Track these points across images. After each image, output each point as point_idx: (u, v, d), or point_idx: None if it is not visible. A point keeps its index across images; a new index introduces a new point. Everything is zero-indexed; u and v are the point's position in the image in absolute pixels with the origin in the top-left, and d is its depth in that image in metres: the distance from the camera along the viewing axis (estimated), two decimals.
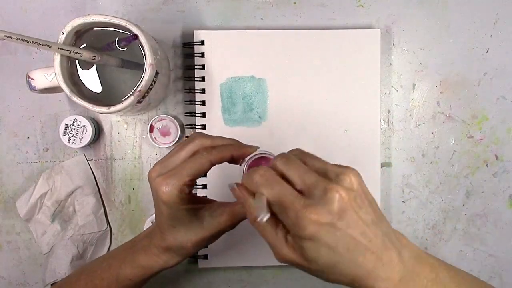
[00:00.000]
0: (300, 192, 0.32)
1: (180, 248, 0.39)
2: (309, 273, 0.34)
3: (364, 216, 0.31)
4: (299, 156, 0.34)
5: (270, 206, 0.32)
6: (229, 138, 0.40)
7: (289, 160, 0.33)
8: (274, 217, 0.33)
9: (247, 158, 0.38)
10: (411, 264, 0.33)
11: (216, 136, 0.39)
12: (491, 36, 0.54)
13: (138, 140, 0.54)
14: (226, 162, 0.39)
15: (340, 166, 0.33)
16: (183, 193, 0.36)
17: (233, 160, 0.38)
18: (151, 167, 0.38)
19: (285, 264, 0.34)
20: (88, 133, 0.52)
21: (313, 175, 0.32)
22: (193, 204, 0.38)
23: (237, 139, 0.40)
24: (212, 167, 0.37)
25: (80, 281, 0.43)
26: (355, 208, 0.31)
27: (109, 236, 0.55)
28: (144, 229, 0.53)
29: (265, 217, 0.30)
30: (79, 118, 0.52)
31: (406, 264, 0.32)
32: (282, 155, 0.34)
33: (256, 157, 0.38)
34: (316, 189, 0.31)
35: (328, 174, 0.32)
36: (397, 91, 0.55)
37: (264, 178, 0.32)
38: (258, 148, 0.39)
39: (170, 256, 0.40)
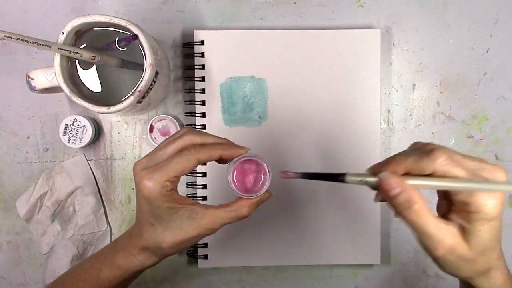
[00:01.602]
0: None
1: (157, 248, 0.37)
2: (451, 265, 0.33)
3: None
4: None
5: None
6: (221, 137, 0.38)
7: (449, 149, 0.32)
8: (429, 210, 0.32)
9: (235, 159, 0.37)
10: (506, 274, 0.35)
11: (208, 134, 0.38)
12: (491, 36, 0.54)
13: (138, 140, 0.54)
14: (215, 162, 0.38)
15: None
16: (165, 189, 0.35)
17: (222, 160, 0.37)
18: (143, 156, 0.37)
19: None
20: (88, 133, 0.52)
21: (476, 161, 0.32)
22: (174, 202, 0.36)
23: (229, 139, 0.39)
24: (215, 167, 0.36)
25: (66, 283, 0.42)
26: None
27: (109, 236, 0.55)
28: None
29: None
30: (79, 118, 0.52)
31: (506, 273, 0.35)
32: (443, 146, 0.32)
33: (244, 159, 0.37)
34: (484, 170, 0.31)
35: (485, 161, 0.32)
36: (397, 91, 0.55)
37: (450, 157, 0.31)
38: (249, 150, 0.37)
39: (146, 255, 0.39)
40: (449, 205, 0.33)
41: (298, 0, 0.54)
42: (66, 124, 0.51)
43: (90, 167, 0.54)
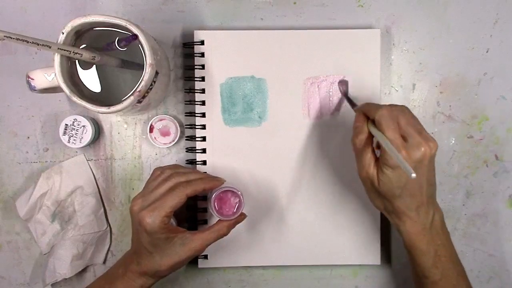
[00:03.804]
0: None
1: (156, 272, 0.44)
2: (369, 191, 0.44)
3: (429, 174, 0.42)
4: (410, 112, 0.42)
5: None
6: (200, 172, 0.49)
7: (404, 110, 0.41)
8: (371, 144, 0.42)
9: (214, 190, 0.46)
10: (436, 224, 0.44)
11: (189, 172, 0.47)
12: (491, 36, 0.54)
13: (138, 140, 0.54)
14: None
15: (429, 134, 0.40)
16: (163, 223, 0.42)
17: (203, 192, 0.45)
18: (134, 197, 0.44)
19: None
20: (88, 133, 0.52)
21: (414, 129, 0.40)
22: (170, 233, 0.43)
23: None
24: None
25: None
26: (428, 166, 0.40)
27: (109, 236, 0.55)
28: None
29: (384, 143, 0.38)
30: (79, 118, 0.52)
31: (434, 222, 0.44)
32: (401, 107, 0.41)
33: (222, 190, 0.45)
34: (413, 139, 0.39)
35: (423, 134, 0.40)
36: (397, 91, 0.55)
37: (390, 115, 0.40)
38: (225, 181, 0.47)
39: (145, 279, 0.45)
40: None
41: (298, 0, 0.54)
42: (66, 124, 0.51)
43: (90, 167, 0.54)
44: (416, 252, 0.44)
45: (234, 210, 0.46)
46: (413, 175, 0.33)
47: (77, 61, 0.45)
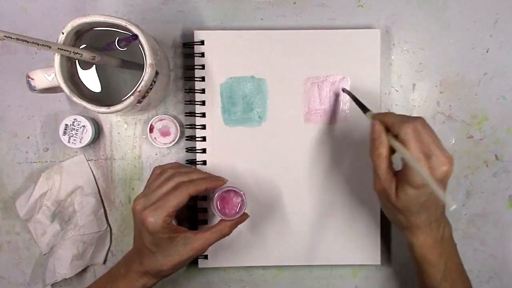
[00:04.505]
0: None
1: (158, 272, 0.44)
2: (384, 204, 0.44)
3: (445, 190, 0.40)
4: (429, 127, 0.41)
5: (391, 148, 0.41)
6: (202, 172, 0.47)
7: (425, 125, 0.40)
8: (390, 158, 0.41)
9: (217, 190, 0.45)
10: (446, 237, 0.44)
11: (192, 171, 0.46)
12: (491, 36, 0.54)
13: (138, 140, 0.54)
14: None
15: (446, 151, 0.39)
16: (165, 223, 0.42)
17: (205, 191, 0.45)
18: (136, 197, 0.44)
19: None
20: (88, 133, 0.52)
21: (436, 146, 0.39)
22: (172, 232, 0.43)
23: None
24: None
25: None
26: (446, 184, 0.40)
27: (109, 236, 0.55)
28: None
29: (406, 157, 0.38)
30: (79, 118, 0.52)
31: (444, 235, 0.44)
32: (421, 120, 0.40)
33: (224, 190, 0.45)
34: (436, 158, 0.38)
35: (444, 151, 0.39)
36: (397, 91, 0.55)
37: (415, 132, 0.39)
38: (227, 181, 0.46)
39: (147, 279, 0.45)
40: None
41: (298, 0, 0.54)
42: (66, 124, 0.51)
43: (90, 167, 0.54)
44: (428, 265, 0.44)
45: (237, 210, 0.45)
46: (454, 207, 0.33)
47: (77, 61, 0.45)
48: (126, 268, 0.46)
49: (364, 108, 0.46)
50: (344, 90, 0.52)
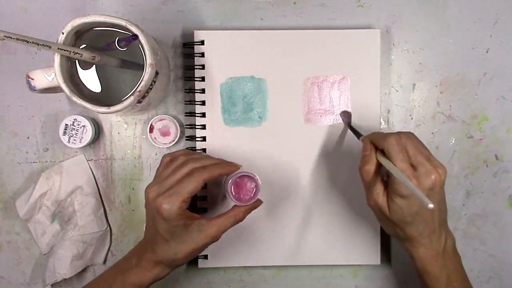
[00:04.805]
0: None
1: (172, 260, 0.43)
2: (380, 218, 0.44)
3: (440, 201, 0.42)
4: (416, 139, 0.42)
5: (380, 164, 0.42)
6: (215, 158, 0.46)
7: (411, 137, 0.41)
8: (379, 173, 0.42)
9: (231, 175, 0.45)
10: (448, 249, 0.44)
11: (204, 157, 0.46)
12: (491, 36, 0.54)
13: (138, 140, 0.54)
14: None
15: (437, 160, 0.41)
16: (181, 209, 0.41)
17: (219, 177, 0.44)
18: (148, 185, 0.43)
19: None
20: (88, 133, 0.52)
21: (423, 156, 0.40)
22: (187, 219, 0.42)
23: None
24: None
25: None
26: (439, 193, 0.41)
27: (109, 236, 0.55)
28: (144, 229, 0.53)
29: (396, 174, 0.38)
30: (79, 118, 0.52)
31: (446, 247, 0.43)
32: (408, 133, 0.41)
33: (239, 175, 0.45)
34: (422, 167, 0.39)
35: (432, 160, 0.40)
36: (397, 91, 0.55)
37: (398, 144, 0.40)
38: (241, 166, 0.46)
39: (161, 269, 0.44)
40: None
41: (298, 0, 0.54)
42: (66, 124, 0.51)
43: (90, 167, 0.54)
44: (430, 277, 0.43)
45: (251, 195, 0.45)
46: (431, 205, 0.33)
47: (77, 61, 0.45)
48: (137, 258, 0.44)
49: (357, 134, 0.48)
50: (342, 114, 0.52)
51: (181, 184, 0.41)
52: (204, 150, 0.53)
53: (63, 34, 0.42)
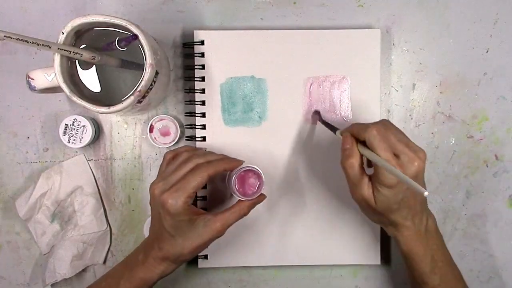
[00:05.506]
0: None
1: (178, 256, 0.43)
2: (365, 210, 0.44)
3: (422, 183, 0.42)
4: (393, 126, 0.42)
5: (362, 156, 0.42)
6: (218, 154, 0.47)
7: (389, 126, 0.41)
8: (362, 166, 0.42)
9: (236, 170, 0.45)
10: (430, 228, 0.45)
11: (208, 153, 0.46)
12: (491, 36, 0.54)
13: (138, 140, 0.54)
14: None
15: (416, 145, 0.41)
16: (186, 204, 0.41)
17: (223, 172, 0.45)
18: (152, 182, 0.43)
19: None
20: (88, 133, 0.52)
21: (403, 144, 0.40)
22: (193, 214, 0.43)
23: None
24: None
25: None
26: (422, 177, 0.41)
27: (109, 236, 0.55)
28: (144, 228, 0.54)
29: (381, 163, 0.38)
30: (79, 118, 0.52)
31: (428, 227, 0.45)
32: (384, 121, 0.42)
33: (243, 170, 0.45)
34: (405, 156, 0.39)
35: (411, 146, 0.40)
36: (397, 91, 0.55)
37: (379, 134, 0.40)
38: (244, 161, 0.46)
39: (167, 265, 0.44)
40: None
41: (298, 0, 0.54)
42: (66, 124, 0.51)
43: (90, 167, 0.54)
44: (414, 258, 0.44)
45: (255, 190, 0.45)
46: (426, 193, 0.33)
47: (77, 61, 0.45)
48: (144, 255, 0.45)
49: (333, 128, 0.47)
50: (313, 114, 0.53)
51: (186, 180, 0.42)
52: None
53: (63, 34, 0.42)
